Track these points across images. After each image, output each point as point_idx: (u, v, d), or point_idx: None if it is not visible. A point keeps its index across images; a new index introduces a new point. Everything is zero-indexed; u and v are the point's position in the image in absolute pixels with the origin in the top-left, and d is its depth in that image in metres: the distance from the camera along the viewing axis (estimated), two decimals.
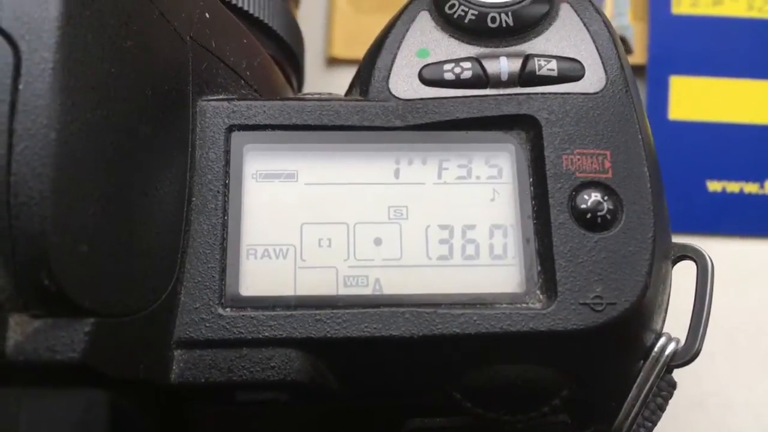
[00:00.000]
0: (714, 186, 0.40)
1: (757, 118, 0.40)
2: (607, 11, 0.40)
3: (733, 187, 0.39)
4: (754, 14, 0.41)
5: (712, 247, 0.39)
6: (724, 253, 0.39)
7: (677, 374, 0.27)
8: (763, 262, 0.39)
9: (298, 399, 0.20)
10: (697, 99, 0.40)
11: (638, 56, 0.40)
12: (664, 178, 0.39)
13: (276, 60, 0.28)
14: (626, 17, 0.40)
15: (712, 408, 0.37)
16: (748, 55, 0.40)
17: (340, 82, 0.25)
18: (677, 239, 0.32)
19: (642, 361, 0.21)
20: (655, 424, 0.22)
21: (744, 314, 0.38)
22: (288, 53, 0.29)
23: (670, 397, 0.23)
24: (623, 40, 0.39)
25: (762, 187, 0.39)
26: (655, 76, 0.40)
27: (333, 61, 0.43)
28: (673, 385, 0.22)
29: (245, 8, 0.27)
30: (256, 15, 0.27)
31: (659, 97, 0.40)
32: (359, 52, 0.24)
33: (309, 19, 0.43)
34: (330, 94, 0.23)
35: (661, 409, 0.22)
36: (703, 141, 0.40)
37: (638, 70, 0.40)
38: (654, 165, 0.21)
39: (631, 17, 0.40)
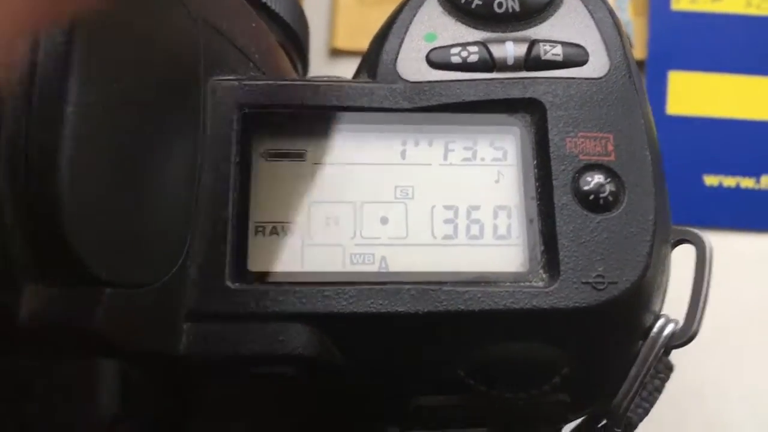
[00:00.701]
0: (711, 180, 0.40)
1: (755, 114, 0.40)
2: None
3: (729, 181, 0.40)
4: (753, 11, 0.41)
5: (709, 240, 0.39)
6: (720, 246, 0.39)
7: (675, 360, 0.28)
8: (759, 255, 0.40)
9: (305, 374, 0.20)
10: (695, 94, 0.41)
11: (638, 51, 0.41)
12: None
13: (282, 46, 0.29)
14: (626, 12, 0.40)
15: (708, 398, 0.37)
16: (746, 51, 0.41)
17: (342, 73, 0.25)
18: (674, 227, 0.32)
19: (641, 342, 0.21)
20: (652, 405, 0.23)
21: (739, 306, 0.38)
22: (294, 40, 0.30)
23: (667, 380, 0.23)
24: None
25: (758, 182, 0.40)
26: (654, 71, 0.41)
27: (336, 53, 0.43)
28: (670, 368, 0.23)
29: None
30: (265, 1, 0.28)
31: (658, 92, 0.40)
32: (362, 43, 0.25)
33: (313, 10, 0.43)
34: (338, 77, 0.23)
35: (659, 390, 0.23)
36: (701, 136, 0.40)
37: (637, 65, 0.41)
38: (655, 150, 0.22)
39: (631, 13, 0.41)
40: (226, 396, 0.21)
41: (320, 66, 0.43)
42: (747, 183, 0.40)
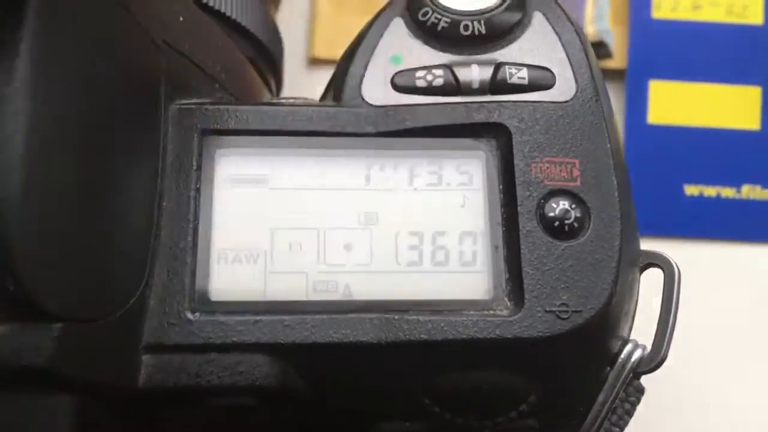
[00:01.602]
0: (691, 190, 0.40)
1: (736, 123, 0.40)
2: (587, 15, 0.40)
3: (710, 191, 0.40)
4: (733, 19, 0.41)
5: (690, 250, 0.39)
6: (701, 256, 0.39)
7: (653, 377, 0.27)
8: (740, 265, 0.39)
9: (267, 404, 0.20)
10: (675, 103, 0.40)
11: (618, 60, 0.41)
12: (643, 182, 0.40)
13: (254, 62, 0.28)
14: (606, 21, 0.40)
15: (688, 412, 0.37)
16: (726, 60, 0.41)
17: (321, 81, 0.25)
18: (655, 243, 0.33)
19: (609, 368, 0.21)
20: (622, 429, 0.22)
21: (720, 317, 0.38)
22: (266, 55, 0.29)
23: (638, 403, 0.23)
24: (603, 45, 0.39)
25: (739, 191, 0.40)
26: (634, 80, 0.40)
27: (315, 62, 0.43)
28: (641, 391, 0.23)
29: (222, 10, 0.27)
30: (234, 17, 0.27)
31: (638, 102, 0.40)
32: (341, 52, 0.24)
33: (291, 19, 0.43)
34: (305, 99, 0.23)
35: (629, 414, 0.23)
36: (682, 145, 0.40)
37: (618, 74, 0.41)
38: (623, 174, 0.22)
39: (611, 21, 0.41)
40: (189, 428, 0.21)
41: (299, 75, 0.43)
42: (727, 192, 0.40)
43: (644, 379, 0.23)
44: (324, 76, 0.25)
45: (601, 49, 0.40)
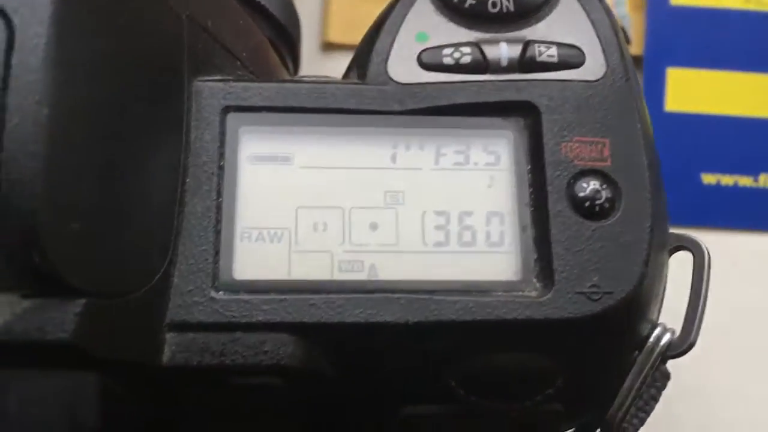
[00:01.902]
0: (709, 179, 0.39)
1: (753, 112, 0.40)
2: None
3: (727, 180, 0.39)
4: (752, 6, 0.40)
5: (706, 239, 0.39)
6: (718, 245, 0.39)
7: (671, 365, 0.27)
8: (757, 255, 0.39)
9: (292, 384, 0.19)
10: (693, 91, 0.40)
11: (635, 47, 0.40)
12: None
13: (272, 42, 0.28)
14: (624, 7, 0.40)
15: (706, 400, 0.37)
16: (745, 47, 0.40)
17: (335, 67, 0.24)
18: (671, 231, 0.32)
19: (637, 351, 0.21)
20: (648, 414, 0.22)
21: (738, 307, 0.38)
22: (284, 36, 0.29)
23: (664, 388, 0.23)
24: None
25: (756, 180, 0.39)
26: (652, 67, 0.40)
27: (329, 47, 0.43)
28: (667, 376, 0.22)
29: None
30: None
31: (656, 89, 0.40)
32: (355, 37, 0.24)
33: (305, 3, 0.42)
34: (327, 77, 0.23)
35: (655, 399, 0.22)
36: (699, 133, 0.40)
37: (635, 61, 0.40)
38: (652, 155, 0.21)
39: (629, 8, 0.40)
40: (214, 410, 0.21)
41: (313, 60, 0.43)
42: (745, 181, 0.39)
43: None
44: (338, 62, 0.24)
45: None
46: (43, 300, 0.16)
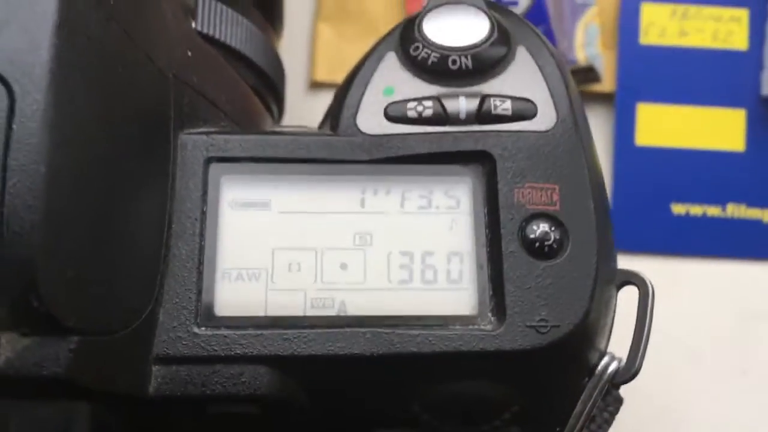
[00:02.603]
0: (678, 209, 0.41)
1: (721, 145, 0.42)
2: (578, 40, 0.42)
3: (696, 210, 0.41)
4: (719, 45, 0.43)
5: (676, 266, 0.41)
6: (687, 272, 0.41)
7: (639, 390, 0.29)
8: (725, 281, 0.41)
9: (268, 411, 0.21)
10: (663, 125, 0.42)
11: (607, 84, 0.42)
12: (632, 201, 0.42)
13: (257, 89, 0.30)
14: (596, 46, 0.42)
15: (672, 422, 0.39)
16: (712, 84, 0.42)
17: (322, 104, 0.26)
18: (643, 258, 0.34)
19: (587, 378, 0.23)
20: None
21: (705, 331, 0.40)
22: (268, 83, 0.31)
23: (617, 412, 0.24)
24: (592, 69, 0.41)
25: (724, 210, 0.41)
26: (623, 103, 0.42)
27: (316, 85, 0.45)
28: (619, 401, 0.24)
29: (227, 42, 0.28)
30: (237, 48, 0.29)
31: (627, 124, 0.42)
32: (340, 76, 0.26)
33: (294, 44, 0.45)
34: (305, 127, 0.25)
35: (608, 423, 0.24)
36: (669, 166, 0.42)
37: (607, 97, 0.42)
38: (600, 197, 0.23)
39: (600, 46, 0.42)
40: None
41: (301, 98, 0.45)
42: (713, 211, 0.41)
43: (627, 392, 0.24)
44: (324, 99, 0.26)
45: (590, 73, 0.41)
46: (41, 338, 0.18)
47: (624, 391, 0.24)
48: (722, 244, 0.41)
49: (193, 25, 0.27)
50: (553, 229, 0.22)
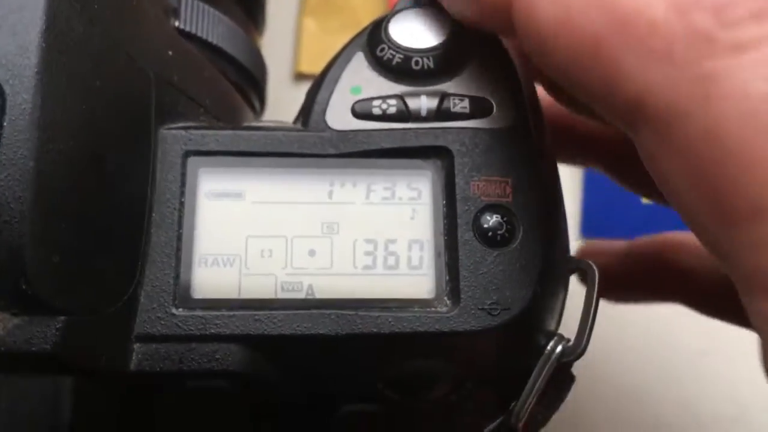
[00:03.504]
0: (647, 200, 0.43)
1: None
2: None
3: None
4: None
5: None
6: None
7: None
8: None
9: (240, 387, 0.23)
10: None
11: None
12: (602, 191, 0.43)
13: (238, 85, 0.32)
14: None
15: (646, 400, 0.41)
16: None
17: (305, 95, 0.27)
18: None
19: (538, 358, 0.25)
20: (552, 411, 0.26)
21: (666, 314, 0.42)
22: (249, 78, 0.33)
23: (569, 389, 0.26)
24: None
25: None
26: None
27: (300, 76, 0.46)
28: (571, 378, 0.26)
29: (210, 40, 0.30)
30: (220, 46, 0.31)
31: None
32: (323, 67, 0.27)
33: (279, 37, 0.46)
34: (281, 122, 0.26)
35: (560, 398, 0.26)
36: None
37: None
38: (552, 190, 0.25)
39: None
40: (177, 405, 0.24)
41: (285, 88, 0.46)
42: None
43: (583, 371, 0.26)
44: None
45: None
46: (30, 318, 0.20)
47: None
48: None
49: (176, 23, 0.29)
50: (505, 219, 0.24)
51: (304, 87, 0.46)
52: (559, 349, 0.24)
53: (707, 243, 0.20)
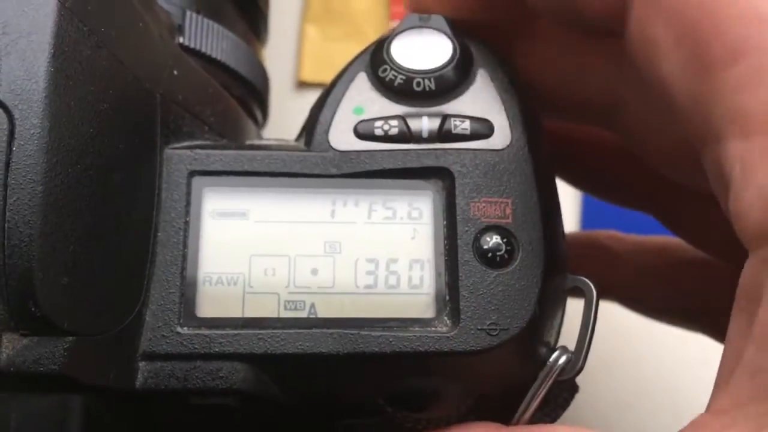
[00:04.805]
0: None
1: None
2: None
3: None
4: None
5: None
6: None
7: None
8: None
9: (244, 404, 0.24)
10: None
11: None
12: None
13: (242, 99, 0.32)
14: None
15: (645, 409, 0.41)
16: None
17: (308, 103, 0.28)
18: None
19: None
20: (554, 419, 0.26)
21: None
22: (253, 93, 0.33)
23: (572, 399, 0.27)
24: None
25: None
26: None
27: (302, 85, 0.47)
28: (574, 389, 0.26)
29: (214, 56, 0.30)
30: (224, 61, 0.31)
31: None
32: (326, 76, 0.28)
33: (281, 45, 0.47)
34: (283, 141, 0.27)
35: (562, 407, 0.26)
36: None
37: None
38: (551, 211, 0.25)
39: None
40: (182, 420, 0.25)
41: (287, 97, 0.47)
42: None
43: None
44: (310, 98, 0.28)
45: None
46: (38, 338, 0.20)
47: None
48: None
49: (181, 40, 0.29)
50: (504, 240, 0.24)
51: (307, 95, 0.47)
52: (561, 361, 0.25)
53: (684, 107, 0.21)
